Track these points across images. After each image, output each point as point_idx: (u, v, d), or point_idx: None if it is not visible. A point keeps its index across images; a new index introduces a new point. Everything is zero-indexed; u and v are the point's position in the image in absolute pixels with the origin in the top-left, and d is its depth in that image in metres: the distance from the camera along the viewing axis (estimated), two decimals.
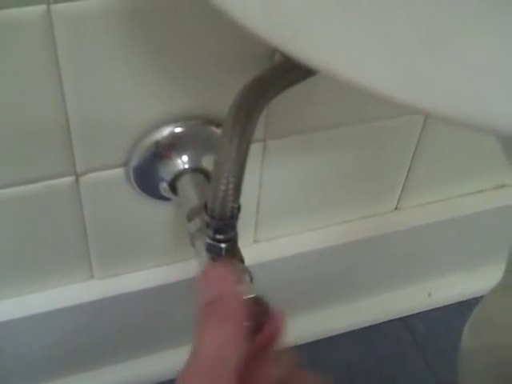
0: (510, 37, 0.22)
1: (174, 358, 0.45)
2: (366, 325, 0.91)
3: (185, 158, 0.61)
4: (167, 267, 0.74)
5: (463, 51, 0.22)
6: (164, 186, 0.62)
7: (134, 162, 0.60)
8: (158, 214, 0.67)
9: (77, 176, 0.61)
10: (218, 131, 0.60)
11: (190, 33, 0.53)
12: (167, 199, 0.64)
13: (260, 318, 0.44)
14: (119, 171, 0.62)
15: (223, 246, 0.51)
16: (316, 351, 0.87)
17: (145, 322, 0.77)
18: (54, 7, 0.47)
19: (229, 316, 0.40)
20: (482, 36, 0.22)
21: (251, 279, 0.52)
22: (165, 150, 0.60)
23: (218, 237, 0.50)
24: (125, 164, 0.61)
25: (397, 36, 0.22)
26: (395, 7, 0.22)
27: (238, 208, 0.49)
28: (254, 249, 0.76)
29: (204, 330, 0.39)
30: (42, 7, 0.47)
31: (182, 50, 0.54)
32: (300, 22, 0.24)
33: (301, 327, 0.85)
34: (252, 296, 0.46)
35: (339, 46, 0.23)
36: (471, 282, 0.93)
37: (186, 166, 0.61)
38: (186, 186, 0.60)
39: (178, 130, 0.59)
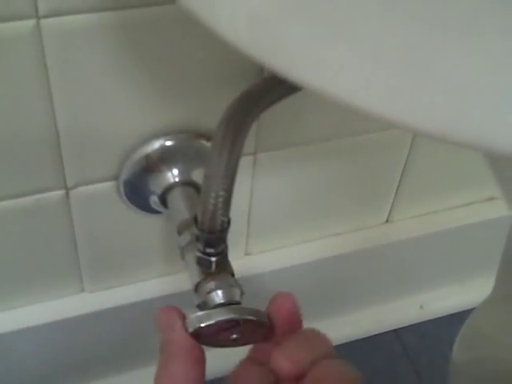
0: (500, 54, 0.22)
1: None
2: (358, 337, 0.91)
3: (175, 171, 0.61)
4: (158, 280, 0.74)
5: (450, 68, 0.22)
6: (154, 200, 0.62)
7: (125, 175, 0.60)
8: (148, 227, 0.67)
9: (67, 190, 0.61)
10: (208, 145, 0.60)
11: (179, 47, 0.53)
12: (158, 212, 0.64)
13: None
14: (109, 185, 0.62)
15: (213, 259, 0.51)
16: None
17: (136, 335, 0.77)
18: (43, 22, 0.47)
19: (175, 357, 0.43)
20: (470, 52, 0.22)
21: (242, 293, 0.51)
22: (155, 164, 0.60)
23: (208, 250, 0.50)
24: (115, 177, 0.61)
25: (382, 53, 0.23)
26: (379, 24, 0.22)
27: (228, 221, 0.49)
28: (245, 261, 0.76)
29: (157, 373, 0.43)
30: (31, 22, 0.47)
31: (171, 64, 0.54)
32: (284, 39, 0.24)
33: None
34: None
35: (323, 62, 0.23)
36: (463, 294, 0.93)
37: (177, 180, 0.61)
38: (176, 199, 0.60)
39: (168, 143, 0.59)
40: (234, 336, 0.45)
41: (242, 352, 0.47)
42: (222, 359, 0.52)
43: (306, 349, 0.42)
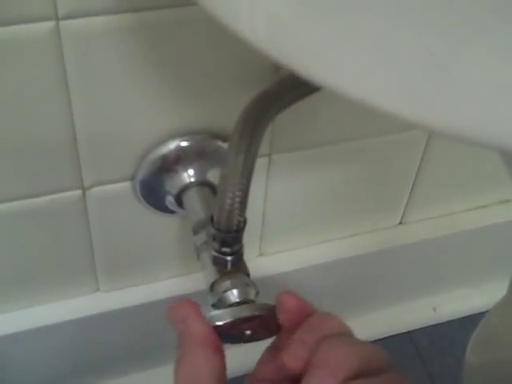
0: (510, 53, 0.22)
1: None
2: (371, 339, 0.90)
3: (191, 171, 0.61)
4: (173, 280, 0.74)
5: (466, 68, 0.23)
6: (170, 200, 0.62)
7: (141, 175, 0.61)
8: (163, 227, 0.68)
9: (83, 190, 0.61)
10: (225, 145, 0.60)
11: (196, 48, 0.53)
12: (173, 212, 0.65)
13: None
14: (126, 185, 0.62)
15: (229, 258, 0.51)
16: None
17: (151, 334, 0.77)
18: (63, 23, 0.48)
19: (195, 345, 0.42)
20: (485, 52, 0.22)
21: (257, 292, 0.52)
22: (171, 164, 0.60)
23: (224, 249, 0.51)
24: (131, 178, 0.62)
25: (399, 52, 0.23)
26: (398, 25, 0.23)
27: (244, 221, 0.50)
28: (259, 262, 0.77)
29: (177, 364, 0.43)
30: (50, 23, 0.48)
31: (188, 65, 0.54)
32: (303, 39, 0.24)
33: None
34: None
35: (342, 63, 0.24)
36: (476, 296, 0.93)
37: (192, 180, 0.61)
38: (192, 199, 0.61)
39: (184, 143, 0.60)
40: (248, 332, 0.46)
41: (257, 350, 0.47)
42: (240, 358, 0.52)
43: (310, 337, 0.41)
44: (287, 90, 0.48)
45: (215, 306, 0.51)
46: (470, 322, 0.90)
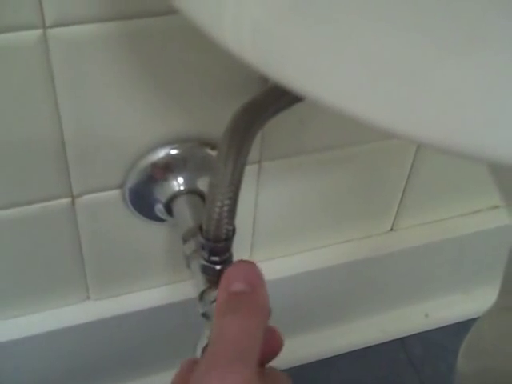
0: (501, 66, 0.22)
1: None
2: (363, 346, 0.90)
3: (180, 179, 0.61)
4: (163, 288, 0.74)
5: (451, 80, 0.22)
6: (160, 208, 0.62)
7: (130, 183, 0.61)
8: (153, 236, 0.67)
9: (73, 198, 0.61)
10: (214, 153, 0.60)
11: (184, 56, 0.53)
12: (163, 220, 0.65)
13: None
14: (115, 193, 0.62)
15: (218, 267, 0.51)
16: (313, 372, 0.87)
17: (141, 343, 0.77)
18: (50, 31, 0.48)
19: (255, 309, 0.40)
20: (472, 64, 0.22)
21: None
22: (160, 172, 0.60)
23: (213, 258, 0.50)
24: (121, 186, 0.61)
25: (384, 65, 0.23)
26: (382, 36, 0.23)
27: (233, 230, 0.49)
28: None
29: (229, 318, 0.39)
30: (38, 31, 0.48)
31: (176, 73, 0.54)
32: (287, 51, 0.24)
33: (297, 348, 0.85)
34: None
35: (325, 74, 0.24)
36: (468, 303, 0.93)
37: (182, 188, 0.61)
38: (182, 207, 0.61)
39: (173, 151, 0.60)
40: None
41: None
42: None
43: None
44: (276, 97, 0.48)
45: (205, 316, 0.51)
46: (463, 328, 0.90)
